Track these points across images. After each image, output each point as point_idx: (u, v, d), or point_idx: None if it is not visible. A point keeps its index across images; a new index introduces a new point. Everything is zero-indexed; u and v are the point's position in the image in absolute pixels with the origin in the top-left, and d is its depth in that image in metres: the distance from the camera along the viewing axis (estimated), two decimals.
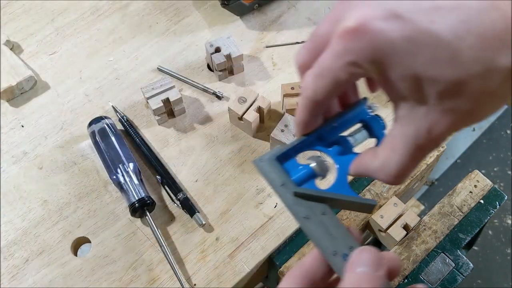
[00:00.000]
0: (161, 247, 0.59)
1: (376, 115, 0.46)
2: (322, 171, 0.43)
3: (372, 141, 0.44)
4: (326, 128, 0.45)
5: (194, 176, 0.65)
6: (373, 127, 0.45)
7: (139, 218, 0.62)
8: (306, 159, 0.45)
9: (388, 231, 0.61)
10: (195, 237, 0.61)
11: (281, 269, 0.59)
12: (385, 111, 0.69)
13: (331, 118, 0.45)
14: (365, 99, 0.45)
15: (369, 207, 0.43)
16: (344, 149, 0.45)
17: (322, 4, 0.80)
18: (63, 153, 0.67)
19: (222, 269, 0.59)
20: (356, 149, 0.44)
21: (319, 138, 0.46)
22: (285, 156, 0.45)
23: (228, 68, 0.72)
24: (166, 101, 0.67)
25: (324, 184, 0.43)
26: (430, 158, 0.66)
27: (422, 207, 1.24)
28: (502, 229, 1.42)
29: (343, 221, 0.62)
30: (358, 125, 0.46)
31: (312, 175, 0.43)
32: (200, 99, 0.71)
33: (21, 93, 0.72)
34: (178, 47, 0.76)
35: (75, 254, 0.61)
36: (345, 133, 0.46)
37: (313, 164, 0.43)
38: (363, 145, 0.43)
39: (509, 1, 0.27)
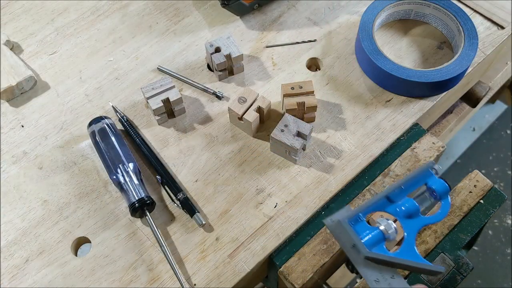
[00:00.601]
0: (161, 247, 0.59)
1: (440, 178, 0.47)
2: (391, 234, 0.45)
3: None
4: (394, 190, 0.46)
5: (194, 176, 0.65)
6: (438, 190, 0.47)
7: (139, 218, 0.62)
8: (375, 220, 0.46)
9: None
10: (195, 237, 0.61)
11: (281, 269, 0.59)
12: (384, 111, 0.69)
13: (399, 180, 0.46)
14: (431, 162, 0.47)
15: (437, 273, 0.44)
16: (411, 212, 0.46)
17: (322, 4, 0.80)
18: (63, 153, 0.67)
19: (222, 269, 0.59)
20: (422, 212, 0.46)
21: (388, 199, 0.47)
22: (356, 217, 0.46)
23: (228, 68, 0.72)
24: (166, 101, 0.67)
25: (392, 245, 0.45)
26: (430, 158, 0.66)
27: None
28: (502, 229, 1.42)
29: None
30: (424, 188, 0.47)
31: (381, 238, 0.44)
32: (200, 99, 0.71)
33: (21, 93, 0.72)
34: (178, 47, 0.76)
35: (75, 254, 0.61)
36: (411, 195, 0.47)
37: (382, 227, 0.45)
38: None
39: None
